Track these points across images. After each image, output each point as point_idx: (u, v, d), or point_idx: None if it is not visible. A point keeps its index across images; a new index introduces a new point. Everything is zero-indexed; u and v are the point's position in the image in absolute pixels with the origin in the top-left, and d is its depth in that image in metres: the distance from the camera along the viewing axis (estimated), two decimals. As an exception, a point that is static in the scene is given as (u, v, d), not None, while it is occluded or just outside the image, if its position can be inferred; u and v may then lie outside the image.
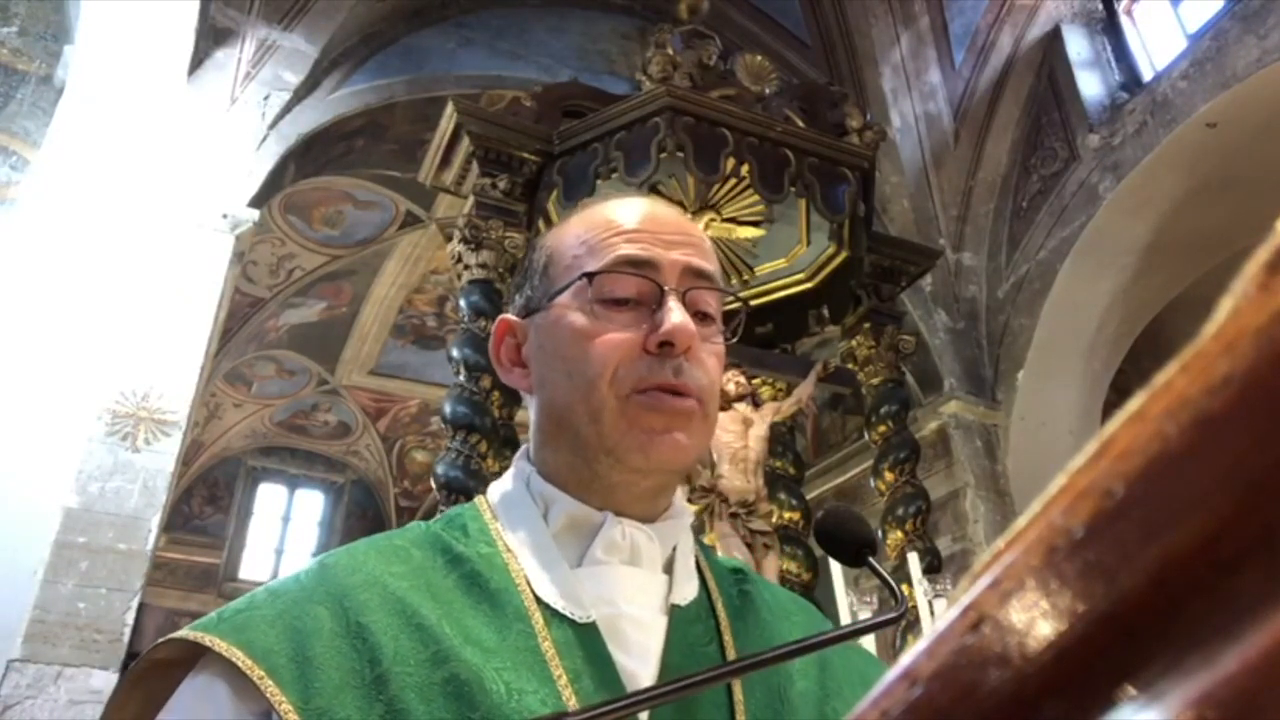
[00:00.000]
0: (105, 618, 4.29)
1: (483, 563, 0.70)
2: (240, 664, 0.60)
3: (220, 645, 0.61)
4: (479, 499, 0.79)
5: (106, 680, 4.17)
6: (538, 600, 0.67)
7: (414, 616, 0.64)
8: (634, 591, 0.70)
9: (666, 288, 0.72)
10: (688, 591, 0.73)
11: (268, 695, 0.58)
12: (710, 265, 0.76)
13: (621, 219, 0.76)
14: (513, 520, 0.74)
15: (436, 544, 0.72)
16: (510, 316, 0.80)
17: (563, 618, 0.67)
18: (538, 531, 0.72)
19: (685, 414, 0.70)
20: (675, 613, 0.71)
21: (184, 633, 0.64)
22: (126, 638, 4.32)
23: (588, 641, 0.66)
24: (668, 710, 0.65)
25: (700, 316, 0.74)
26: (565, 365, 0.72)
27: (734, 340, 0.79)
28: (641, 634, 0.69)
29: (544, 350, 0.75)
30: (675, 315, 0.70)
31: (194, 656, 0.64)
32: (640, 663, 0.67)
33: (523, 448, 0.79)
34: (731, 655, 0.71)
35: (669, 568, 0.74)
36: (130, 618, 4.36)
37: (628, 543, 0.71)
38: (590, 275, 0.73)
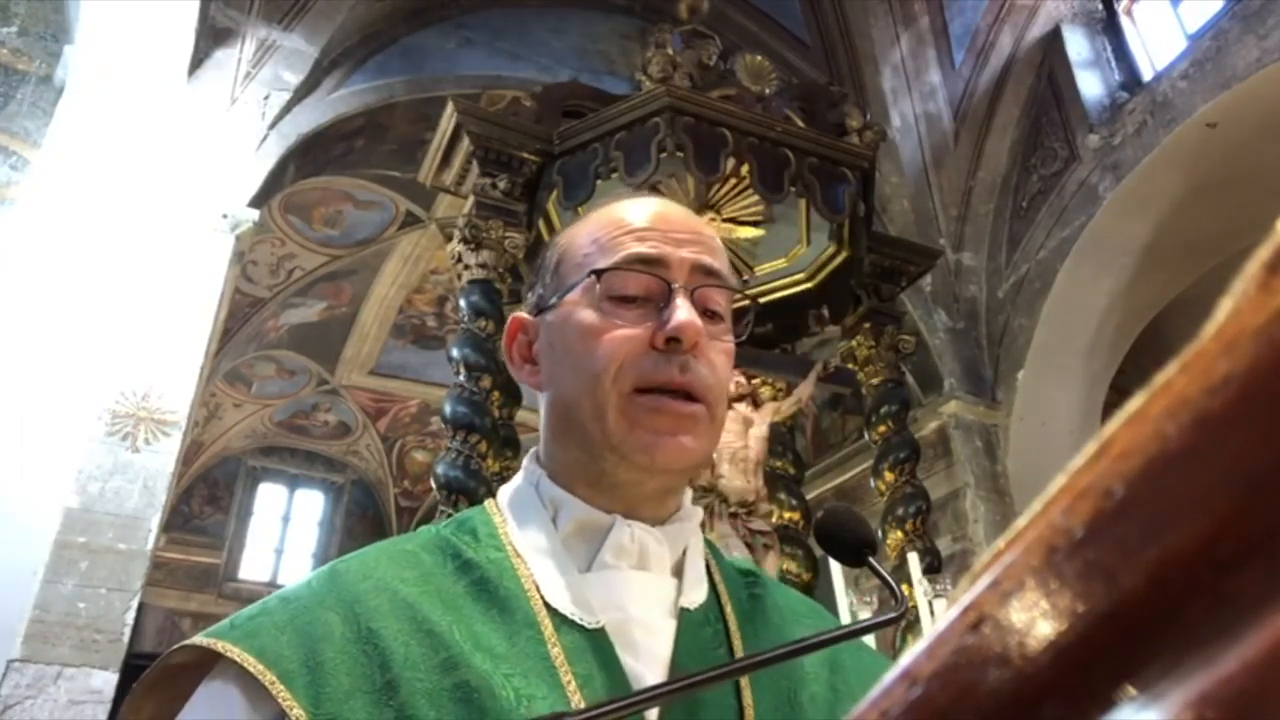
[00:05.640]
0: (105, 618, 4.29)
1: (492, 568, 0.70)
2: (252, 669, 0.61)
3: (233, 651, 0.62)
4: (489, 502, 0.79)
5: (106, 680, 4.17)
6: (547, 606, 0.67)
7: (424, 623, 0.64)
8: (643, 596, 0.70)
9: (674, 285, 0.72)
10: (697, 595, 0.73)
11: (279, 700, 0.59)
12: (720, 263, 0.76)
13: (632, 218, 0.76)
14: (522, 524, 0.74)
15: (446, 548, 0.72)
16: (523, 314, 0.81)
17: (572, 623, 0.67)
18: (547, 536, 0.72)
19: (691, 417, 0.70)
20: (684, 616, 0.71)
21: (197, 639, 0.65)
22: (126, 638, 4.32)
23: (597, 647, 0.66)
24: (677, 716, 0.65)
25: (709, 315, 0.74)
26: (572, 361, 0.73)
27: (743, 340, 0.79)
28: (651, 638, 0.69)
29: (553, 347, 0.76)
30: (682, 312, 0.70)
31: (208, 662, 0.65)
32: (650, 667, 0.67)
33: (532, 449, 0.80)
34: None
35: (679, 570, 0.74)
36: (130, 618, 4.36)
37: (636, 546, 0.71)
38: (599, 272, 0.73)
